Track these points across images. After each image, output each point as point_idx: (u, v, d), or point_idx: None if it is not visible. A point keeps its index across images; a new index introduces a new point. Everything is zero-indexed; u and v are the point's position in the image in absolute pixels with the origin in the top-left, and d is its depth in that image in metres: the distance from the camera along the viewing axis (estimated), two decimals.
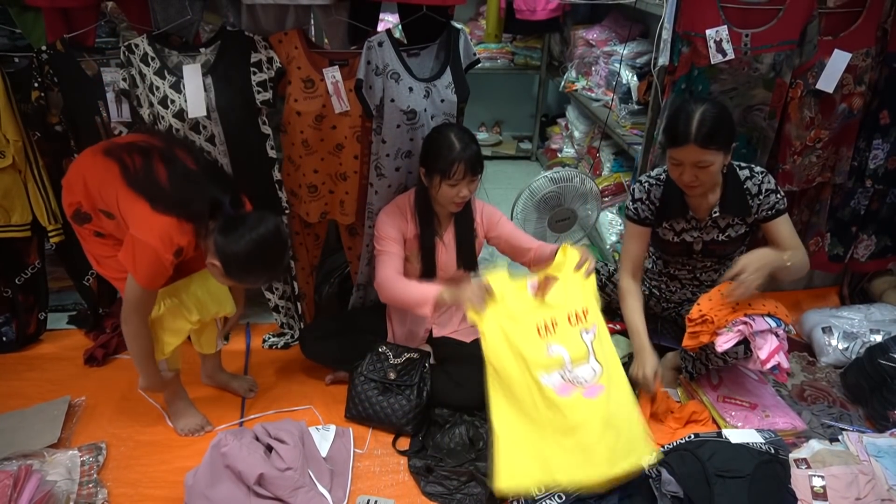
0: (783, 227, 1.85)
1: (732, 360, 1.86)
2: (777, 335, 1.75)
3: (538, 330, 1.62)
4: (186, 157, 1.63)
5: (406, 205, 1.96)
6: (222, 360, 2.08)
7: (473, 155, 1.81)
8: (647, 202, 1.94)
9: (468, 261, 2.02)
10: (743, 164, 1.90)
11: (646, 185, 1.94)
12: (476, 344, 2.04)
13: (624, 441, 1.52)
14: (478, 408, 1.93)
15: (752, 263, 1.68)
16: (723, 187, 1.86)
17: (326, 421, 1.95)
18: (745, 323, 1.72)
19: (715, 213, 1.88)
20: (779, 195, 1.85)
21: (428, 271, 1.98)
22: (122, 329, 1.68)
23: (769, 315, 1.74)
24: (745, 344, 1.76)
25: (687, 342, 1.82)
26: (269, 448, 1.66)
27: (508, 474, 1.50)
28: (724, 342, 1.73)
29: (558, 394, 1.54)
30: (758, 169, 1.88)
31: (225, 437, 1.63)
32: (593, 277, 1.73)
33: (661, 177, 1.92)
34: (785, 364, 1.74)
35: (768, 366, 1.72)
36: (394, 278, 1.85)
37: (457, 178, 1.80)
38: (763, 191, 1.85)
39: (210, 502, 1.55)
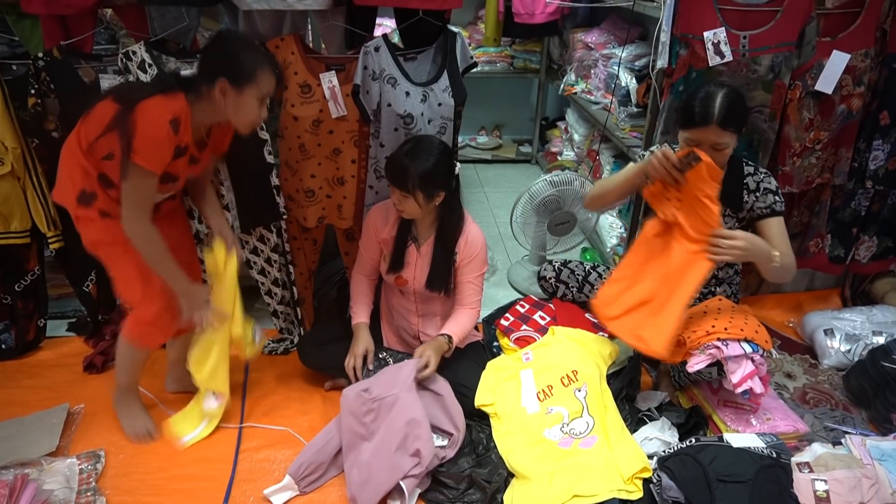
0: (775, 228, 1.84)
1: (707, 379, 1.86)
2: (753, 360, 1.74)
3: (537, 396, 1.91)
4: None
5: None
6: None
7: (400, 166, 1.75)
8: None
9: (438, 279, 1.92)
10: (750, 162, 1.92)
11: (664, 147, 1.97)
12: (471, 349, 2.05)
13: (614, 471, 1.65)
14: (478, 415, 1.94)
15: (747, 237, 1.69)
16: (724, 176, 1.86)
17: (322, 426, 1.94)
18: (717, 347, 1.72)
19: None
20: (777, 197, 1.86)
21: (395, 268, 1.96)
22: (130, 238, 1.59)
23: (746, 340, 1.74)
24: (718, 365, 1.75)
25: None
26: None
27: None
28: (695, 363, 1.74)
29: (559, 446, 1.76)
30: (762, 169, 1.90)
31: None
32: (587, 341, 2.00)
33: (675, 148, 1.93)
34: (758, 389, 1.74)
35: (739, 390, 1.73)
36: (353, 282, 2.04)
37: (387, 179, 1.80)
38: (761, 189, 1.86)
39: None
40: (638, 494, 1.59)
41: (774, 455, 1.57)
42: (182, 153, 1.58)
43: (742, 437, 1.65)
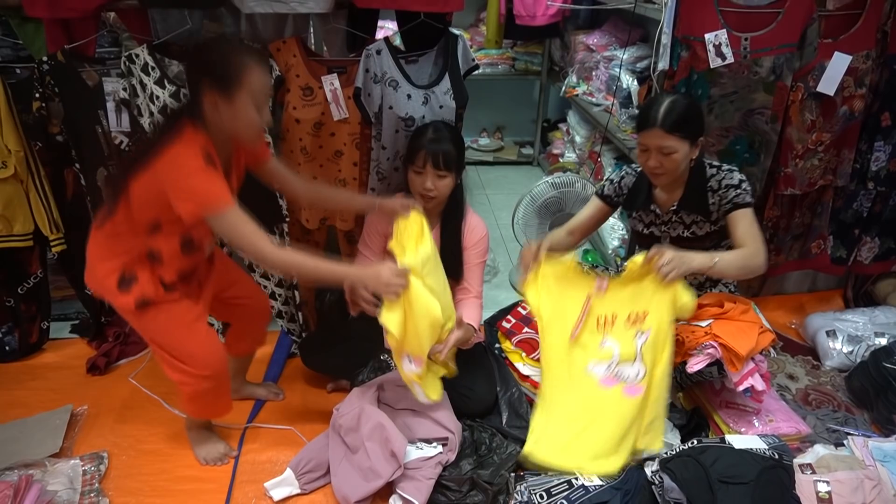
0: (740, 220, 1.80)
1: (708, 378, 1.86)
2: (752, 359, 1.75)
3: (597, 322, 1.77)
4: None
5: None
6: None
7: (440, 147, 1.79)
8: (616, 185, 2.02)
9: (451, 267, 1.92)
10: (716, 164, 1.89)
11: (623, 171, 2.02)
12: (474, 351, 2.05)
13: (642, 433, 1.68)
14: (480, 415, 1.94)
15: (668, 253, 1.66)
16: (686, 183, 1.88)
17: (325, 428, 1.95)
18: (714, 347, 1.72)
19: (673, 207, 1.91)
20: (739, 190, 1.81)
21: None
22: (279, 269, 1.57)
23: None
24: (718, 364, 1.76)
25: None
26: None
27: (537, 449, 1.72)
28: (695, 364, 1.74)
29: (601, 384, 1.72)
30: (727, 167, 1.86)
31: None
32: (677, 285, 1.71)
33: (638, 169, 1.97)
34: (759, 386, 1.74)
35: (740, 388, 1.73)
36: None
37: (419, 166, 1.80)
38: (722, 186, 1.84)
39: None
40: (618, 464, 1.65)
41: (776, 456, 1.57)
42: None
43: (744, 439, 1.65)
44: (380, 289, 1.52)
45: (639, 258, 1.72)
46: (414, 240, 1.68)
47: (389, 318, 1.58)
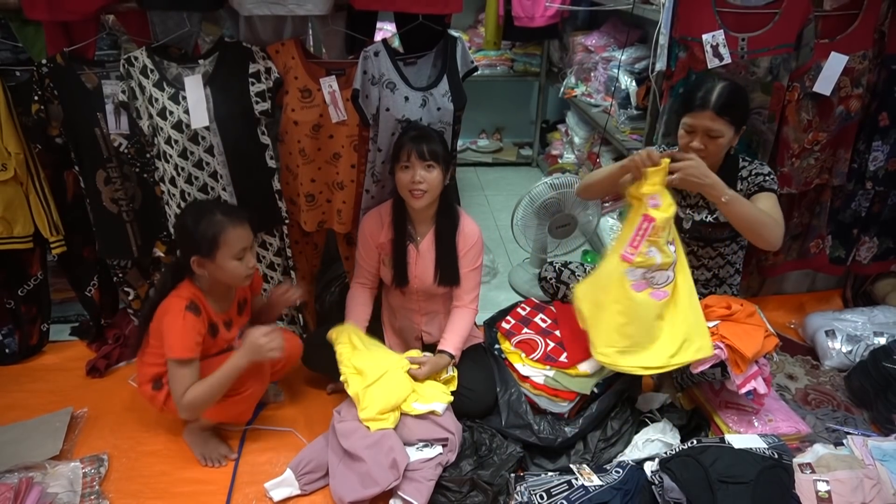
0: (764, 199, 1.84)
1: (710, 380, 1.87)
2: (756, 362, 1.76)
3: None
4: None
5: (387, 208, 1.96)
6: None
7: (423, 141, 1.80)
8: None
9: (447, 272, 1.93)
10: (748, 158, 1.93)
11: (662, 148, 2.03)
12: (472, 350, 2.05)
13: (679, 338, 1.74)
14: (480, 416, 1.94)
15: (696, 159, 1.72)
16: (718, 171, 1.88)
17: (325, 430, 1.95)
18: (720, 348, 1.73)
19: None
20: (767, 177, 1.87)
21: (399, 278, 1.96)
22: (190, 415, 1.74)
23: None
24: (722, 366, 1.76)
25: None
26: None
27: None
28: (699, 364, 1.74)
29: (632, 287, 1.77)
30: (759, 161, 1.93)
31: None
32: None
33: (674, 149, 1.97)
34: (762, 389, 1.75)
35: (743, 391, 1.74)
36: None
37: (405, 161, 1.80)
38: (752, 174, 1.89)
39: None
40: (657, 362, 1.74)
41: (776, 456, 1.57)
42: (215, 329, 1.75)
43: (744, 439, 1.65)
44: (262, 355, 1.69)
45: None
46: (350, 354, 1.87)
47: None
